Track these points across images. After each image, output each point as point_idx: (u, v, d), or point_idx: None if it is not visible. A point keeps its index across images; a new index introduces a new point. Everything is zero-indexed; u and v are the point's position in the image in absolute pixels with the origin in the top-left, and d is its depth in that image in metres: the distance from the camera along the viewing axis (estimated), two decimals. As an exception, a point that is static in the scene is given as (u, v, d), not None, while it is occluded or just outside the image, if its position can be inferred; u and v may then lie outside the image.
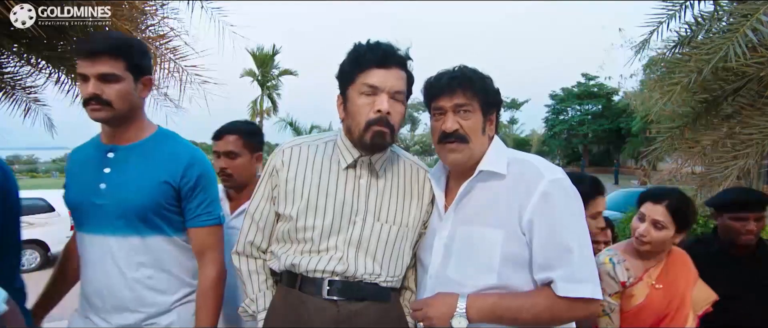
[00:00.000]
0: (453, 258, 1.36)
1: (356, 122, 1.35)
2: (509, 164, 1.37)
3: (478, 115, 1.36)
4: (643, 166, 22.44)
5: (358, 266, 1.37)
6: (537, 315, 1.26)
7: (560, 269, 1.24)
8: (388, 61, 1.34)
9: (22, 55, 3.93)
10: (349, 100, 1.38)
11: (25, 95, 4.30)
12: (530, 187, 1.29)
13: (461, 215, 1.39)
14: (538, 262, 1.28)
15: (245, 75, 26.17)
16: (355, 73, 1.35)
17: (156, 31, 3.85)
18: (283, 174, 1.41)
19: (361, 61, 1.34)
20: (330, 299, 1.35)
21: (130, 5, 3.50)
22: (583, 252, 1.27)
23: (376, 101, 1.32)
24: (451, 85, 1.34)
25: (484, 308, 1.27)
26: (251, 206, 1.48)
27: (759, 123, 3.19)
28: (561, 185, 1.31)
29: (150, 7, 3.77)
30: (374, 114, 1.32)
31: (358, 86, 1.35)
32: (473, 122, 1.35)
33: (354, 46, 1.38)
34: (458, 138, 1.35)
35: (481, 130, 1.37)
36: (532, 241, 1.29)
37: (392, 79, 1.34)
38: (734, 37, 2.84)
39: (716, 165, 3.45)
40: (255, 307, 1.46)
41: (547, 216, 1.27)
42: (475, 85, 1.34)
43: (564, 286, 1.23)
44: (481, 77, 1.37)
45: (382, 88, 1.33)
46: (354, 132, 1.37)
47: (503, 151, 1.41)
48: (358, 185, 1.41)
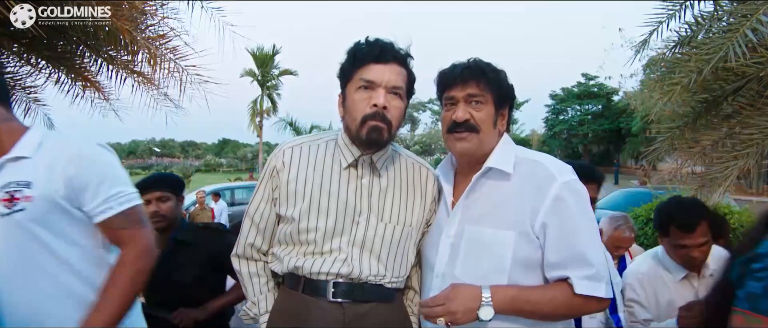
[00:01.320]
0: (460, 257, 1.35)
1: (353, 117, 1.34)
2: (519, 163, 1.36)
3: (490, 107, 1.36)
4: (643, 166, 22.47)
5: (362, 267, 1.35)
6: (554, 309, 1.27)
7: (577, 269, 1.25)
8: (386, 57, 1.33)
9: (22, 55, 3.94)
10: (347, 98, 1.37)
11: (25, 95, 4.31)
12: (543, 189, 1.29)
13: (469, 213, 1.38)
14: (551, 262, 1.28)
15: (245, 75, 26.20)
16: (353, 70, 1.34)
17: (156, 31, 3.85)
18: (284, 175, 1.39)
19: (359, 57, 1.33)
20: (335, 301, 1.34)
21: (130, 5, 3.50)
22: (597, 252, 1.28)
23: (372, 96, 1.31)
24: (464, 76, 1.34)
25: (506, 299, 1.25)
26: (251, 208, 1.46)
27: (759, 123, 3.18)
28: (573, 187, 1.30)
29: (150, 7, 3.77)
30: (370, 109, 1.31)
31: (355, 82, 1.34)
32: (485, 114, 1.35)
33: (354, 43, 1.38)
34: (468, 128, 1.34)
35: (492, 123, 1.37)
36: (545, 243, 1.29)
37: (389, 74, 1.32)
38: (734, 37, 2.84)
39: (716, 165, 3.45)
40: (257, 310, 1.45)
41: (561, 219, 1.27)
42: (489, 78, 1.34)
43: (582, 284, 1.24)
44: (495, 70, 1.37)
45: (378, 83, 1.31)
46: (351, 128, 1.36)
47: (511, 149, 1.40)
48: (360, 185, 1.40)
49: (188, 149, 68.48)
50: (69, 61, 3.96)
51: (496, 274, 1.30)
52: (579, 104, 38.64)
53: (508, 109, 1.43)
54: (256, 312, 1.45)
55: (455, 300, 1.23)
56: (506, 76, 1.40)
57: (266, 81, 26.65)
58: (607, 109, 37.12)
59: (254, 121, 26.73)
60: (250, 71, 26.30)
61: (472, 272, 1.32)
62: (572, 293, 1.25)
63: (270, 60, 26.55)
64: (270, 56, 26.45)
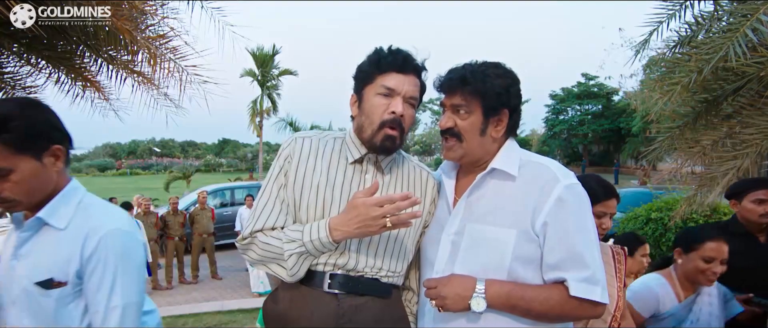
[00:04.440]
0: (460, 255, 1.37)
1: (370, 120, 1.39)
2: (523, 165, 1.38)
3: (476, 115, 1.36)
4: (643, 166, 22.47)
5: (359, 259, 1.38)
6: (548, 309, 1.27)
7: (573, 271, 1.26)
8: (407, 68, 1.40)
9: (22, 55, 3.94)
10: (364, 99, 1.42)
11: (25, 95, 4.30)
12: (545, 190, 1.30)
13: (471, 211, 1.39)
14: (549, 263, 1.29)
15: (245, 75, 26.20)
16: (374, 75, 1.40)
17: (156, 31, 3.86)
18: (294, 163, 1.43)
19: (383, 64, 1.39)
20: (331, 292, 1.36)
21: (130, 5, 3.51)
22: (595, 256, 1.29)
23: (391, 103, 1.38)
24: (448, 86, 1.39)
25: (501, 294, 1.27)
26: (265, 192, 1.42)
27: (759, 123, 3.19)
28: (575, 190, 1.32)
29: (150, 7, 3.78)
30: (389, 115, 1.38)
31: (376, 87, 1.40)
32: (470, 123, 1.37)
33: (375, 49, 1.43)
34: (453, 135, 1.39)
35: (480, 131, 1.37)
36: (544, 243, 1.30)
37: (408, 85, 1.39)
38: (734, 37, 2.84)
39: (716, 165, 3.46)
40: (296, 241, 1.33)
41: (561, 220, 1.28)
42: (473, 86, 1.34)
43: (577, 286, 1.25)
44: (483, 78, 1.35)
45: (398, 92, 1.38)
46: (366, 130, 1.40)
47: (516, 153, 1.42)
48: (363, 180, 1.44)
49: (188, 149, 68.41)
50: (69, 61, 3.96)
51: (496, 271, 1.31)
52: (579, 104, 38.65)
53: (509, 114, 1.40)
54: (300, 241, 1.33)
55: (448, 286, 1.28)
56: (501, 80, 1.37)
57: (266, 81, 26.65)
58: (607, 109, 37.14)
59: (254, 121, 26.73)
60: (250, 71, 26.31)
61: (472, 269, 1.33)
62: (567, 295, 1.26)
63: (270, 60, 26.56)
64: (270, 56, 26.45)
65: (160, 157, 57.22)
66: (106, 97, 4.41)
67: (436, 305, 1.30)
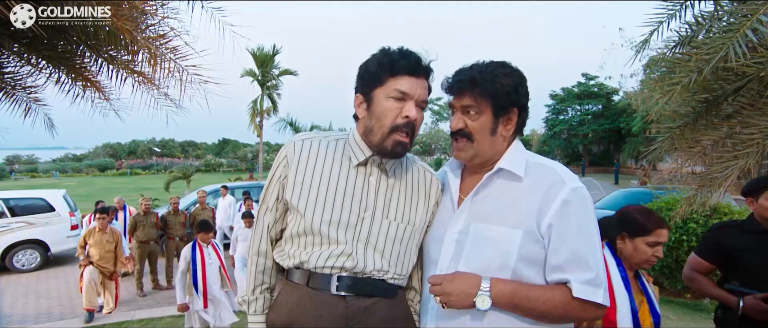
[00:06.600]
0: (464, 254, 1.37)
1: (381, 124, 1.37)
2: (529, 166, 1.38)
3: (486, 116, 1.37)
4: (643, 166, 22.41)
5: (367, 261, 1.38)
6: (551, 310, 1.28)
7: (577, 272, 1.27)
8: (419, 71, 1.38)
9: (22, 55, 3.94)
10: (374, 102, 1.39)
11: (25, 95, 4.31)
12: (551, 192, 1.31)
13: (476, 210, 1.39)
14: (553, 264, 1.30)
15: (245, 75, 26.16)
16: (386, 77, 1.36)
17: (156, 31, 3.86)
18: (293, 165, 1.42)
19: (395, 67, 1.36)
20: (339, 294, 1.36)
21: (130, 5, 3.51)
22: (598, 258, 1.30)
23: (404, 108, 1.36)
24: (457, 87, 1.38)
25: (505, 292, 1.27)
26: (266, 195, 1.48)
27: (759, 123, 3.19)
28: (581, 193, 1.32)
29: (150, 7, 3.77)
30: (402, 119, 1.36)
31: (387, 90, 1.36)
32: (480, 123, 1.37)
33: (384, 50, 1.40)
34: (463, 136, 1.39)
35: (490, 131, 1.38)
36: (548, 245, 1.30)
37: (420, 89, 1.38)
38: (734, 37, 2.84)
39: (716, 165, 3.45)
40: (250, 309, 1.49)
41: (566, 223, 1.29)
42: (482, 87, 1.34)
43: (580, 288, 1.26)
44: (492, 78, 1.35)
45: (411, 96, 1.36)
46: (376, 134, 1.38)
47: (522, 154, 1.42)
48: (367, 182, 1.43)
49: (188, 149, 68.33)
50: (69, 61, 3.96)
51: (500, 270, 1.31)
52: (579, 104, 38.66)
53: (518, 114, 1.41)
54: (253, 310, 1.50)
55: (453, 283, 1.29)
56: (510, 79, 1.37)
57: (266, 81, 26.62)
58: (607, 109, 37.15)
59: (254, 121, 26.69)
60: (250, 71, 26.26)
61: (476, 267, 1.33)
62: (570, 296, 1.27)
63: (270, 60, 26.51)
64: (270, 56, 26.40)
65: (160, 157, 57.14)
66: (106, 97, 4.41)
67: (441, 302, 1.30)
